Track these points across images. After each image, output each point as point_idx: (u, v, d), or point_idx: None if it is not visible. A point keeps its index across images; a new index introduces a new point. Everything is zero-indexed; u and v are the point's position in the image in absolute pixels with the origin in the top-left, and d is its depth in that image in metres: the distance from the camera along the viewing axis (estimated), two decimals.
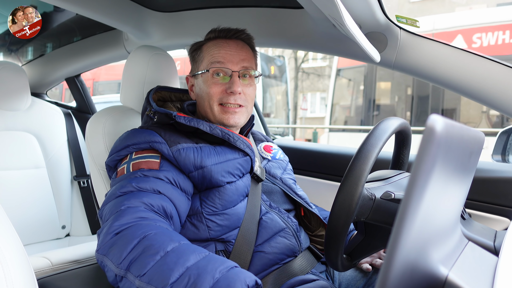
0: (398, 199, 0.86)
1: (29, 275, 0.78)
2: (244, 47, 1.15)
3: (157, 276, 0.69)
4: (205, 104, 1.12)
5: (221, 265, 0.70)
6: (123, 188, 0.90)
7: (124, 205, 0.85)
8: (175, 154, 0.99)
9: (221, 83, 1.10)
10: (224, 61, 1.09)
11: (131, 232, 0.77)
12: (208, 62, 1.11)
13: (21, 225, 1.81)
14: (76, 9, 1.59)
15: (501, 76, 1.19)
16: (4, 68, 1.84)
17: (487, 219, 1.35)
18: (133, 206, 0.84)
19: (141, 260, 0.72)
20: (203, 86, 1.12)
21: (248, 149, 1.09)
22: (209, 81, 1.10)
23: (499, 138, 1.36)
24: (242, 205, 1.04)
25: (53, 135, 2.03)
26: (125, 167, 0.99)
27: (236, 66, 1.10)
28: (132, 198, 0.87)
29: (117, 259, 0.74)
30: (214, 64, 1.10)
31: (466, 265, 0.57)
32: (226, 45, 1.12)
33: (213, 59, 1.10)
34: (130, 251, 0.74)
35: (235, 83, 1.08)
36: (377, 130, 0.85)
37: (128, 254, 0.73)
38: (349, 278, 1.15)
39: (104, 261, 0.77)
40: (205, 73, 1.11)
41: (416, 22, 1.26)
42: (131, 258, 0.73)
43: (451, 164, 0.47)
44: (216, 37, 1.15)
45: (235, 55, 1.11)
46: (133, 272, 0.71)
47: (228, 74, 1.10)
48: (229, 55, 1.10)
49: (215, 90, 1.09)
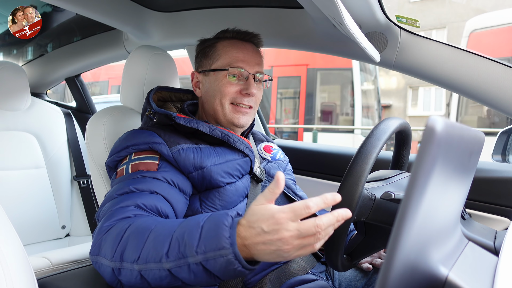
0: (398, 199, 0.86)
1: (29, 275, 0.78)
2: (258, 51, 1.17)
3: (151, 253, 0.71)
4: (215, 101, 1.12)
5: (202, 216, 0.73)
6: (120, 190, 0.92)
7: (116, 206, 0.86)
8: (175, 154, 0.99)
9: (236, 84, 1.10)
10: (242, 64, 1.10)
11: (118, 227, 0.79)
12: (226, 61, 1.11)
13: (21, 225, 1.81)
14: (76, 9, 1.59)
15: (501, 76, 1.18)
16: (4, 68, 1.84)
17: (487, 219, 1.35)
18: (124, 206, 0.86)
19: (131, 246, 0.74)
20: (214, 84, 1.12)
21: (248, 150, 1.09)
22: (224, 80, 1.10)
23: (499, 138, 1.36)
24: (241, 205, 1.04)
25: (53, 135, 2.03)
26: (124, 168, 1.00)
27: (252, 69, 1.11)
28: (126, 199, 0.88)
29: (109, 254, 0.76)
30: (234, 65, 1.10)
31: (466, 265, 0.57)
32: (244, 47, 1.13)
33: (231, 60, 1.11)
34: (119, 243, 0.76)
35: (251, 85, 1.10)
36: (377, 130, 0.85)
37: (118, 246, 0.76)
38: (349, 278, 1.15)
39: (98, 260, 0.78)
40: (220, 71, 1.11)
41: (416, 22, 1.26)
42: (122, 248, 0.75)
43: (451, 164, 0.47)
44: (232, 37, 1.15)
45: (252, 58, 1.12)
46: (127, 260, 0.73)
47: (245, 76, 1.11)
48: (247, 58, 1.11)
49: (230, 89, 1.10)
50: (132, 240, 0.75)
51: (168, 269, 0.70)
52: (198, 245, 0.67)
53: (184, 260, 0.68)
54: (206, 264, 0.67)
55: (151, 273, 0.72)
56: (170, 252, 0.70)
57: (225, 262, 0.66)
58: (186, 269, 0.69)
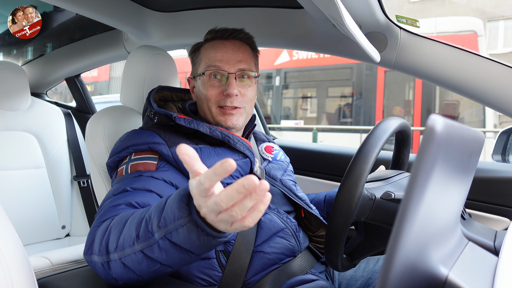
0: (398, 199, 0.86)
1: (29, 275, 0.78)
2: (242, 47, 1.13)
3: (126, 238, 0.73)
4: (204, 106, 1.12)
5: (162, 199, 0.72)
6: (116, 191, 0.93)
7: (109, 205, 0.88)
8: (175, 155, 0.99)
9: (218, 85, 1.09)
10: (219, 63, 1.09)
11: (104, 225, 0.81)
12: (205, 65, 1.11)
13: (21, 225, 1.80)
14: (76, 9, 1.59)
15: (501, 76, 1.19)
16: (4, 68, 1.84)
17: (487, 219, 1.35)
18: (116, 205, 0.87)
19: (112, 237, 0.76)
20: (201, 88, 1.12)
21: (248, 151, 1.09)
22: (207, 84, 1.10)
23: (499, 138, 1.36)
24: None
25: (53, 135, 2.03)
26: (124, 168, 1.01)
27: (232, 67, 1.09)
28: (119, 198, 0.89)
29: (97, 249, 0.78)
30: (210, 67, 1.09)
31: (466, 265, 0.57)
32: (223, 46, 1.11)
33: (209, 61, 1.10)
34: (103, 237, 0.78)
35: (230, 85, 1.07)
36: (377, 130, 0.85)
37: (103, 239, 0.78)
38: (349, 278, 1.15)
39: (91, 259, 0.80)
40: (202, 75, 1.11)
41: (416, 22, 1.26)
42: (106, 240, 0.77)
43: (451, 164, 0.47)
44: (213, 38, 1.14)
45: (232, 56, 1.10)
46: (110, 250, 0.75)
47: (225, 76, 1.09)
48: (225, 57, 1.09)
49: (212, 92, 1.09)
50: (113, 231, 0.77)
51: (140, 250, 0.70)
52: (160, 220, 0.67)
53: (152, 238, 0.68)
54: (171, 237, 0.66)
55: (129, 259, 0.72)
56: (140, 233, 0.70)
57: (186, 230, 0.64)
58: (156, 247, 0.69)
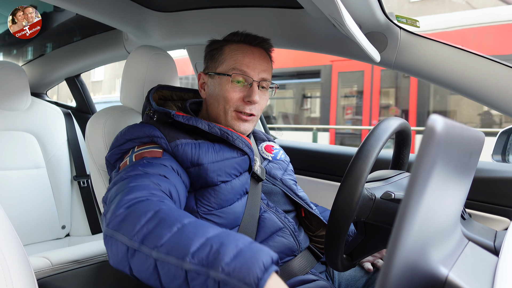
0: (398, 199, 0.86)
1: (29, 275, 0.78)
2: (266, 57, 1.14)
3: (176, 247, 0.65)
4: (219, 106, 1.11)
5: (242, 238, 0.67)
6: (129, 172, 0.88)
7: (132, 183, 0.82)
8: (174, 149, 0.99)
9: (239, 90, 1.09)
10: (246, 69, 1.08)
11: (144, 206, 0.73)
12: (230, 66, 1.10)
13: (21, 225, 1.80)
14: (76, 9, 1.59)
15: (501, 76, 1.18)
16: (4, 68, 1.84)
17: (487, 219, 1.35)
18: (143, 184, 0.81)
19: (157, 232, 0.68)
20: (218, 88, 1.11)
21: (247, 148, 1.09)
22: (227, 85, 1.09)
23: (499, 138, 1.36)
24: (239, 204, 1.04)
25: (53, 135, 2.03)
26: (127, 159, 0.98)
27: (257, 75, 1.09)
28: (140, 178, 0.84)
29: (129, 232, 0.70)
30: (237, 70, 1.08)
31: (466, 265, 0.57)
32: (251, 52, 1.11)
33: (237, 64, 1.09)
34: (144, 224, 0.70)
35: (254, 92, 1.07)
36: (377, 130, 0.85)
37: (142, 227, 0.69)
38: (349, 278, 1.15)
39: (114, 236, 0.72)
40: (223, 76, 1.10)
41: (416, 22, 1.26)
42: (146, 230, 0.69)
43: (451, 164, 0.47)
44: (241, 41, 1.13)
45: (258, 64, 1.10)
46: (148, 244, 0.67)
47: (249, 82, 1.09)
48: (252, 64, 1.09)
49: (233, 96, 1.08)
50: (159, 226, 0.68)
51: (186, 270, 0.63)
52: (228, 263, 0.61)
53: (206, 269, 0.62)
54: (223, 285, 0.61)
55: (167, 267, 0.64)
56: (197, 254, 0.63)
57: None
58: (203, 279, 0.62)
